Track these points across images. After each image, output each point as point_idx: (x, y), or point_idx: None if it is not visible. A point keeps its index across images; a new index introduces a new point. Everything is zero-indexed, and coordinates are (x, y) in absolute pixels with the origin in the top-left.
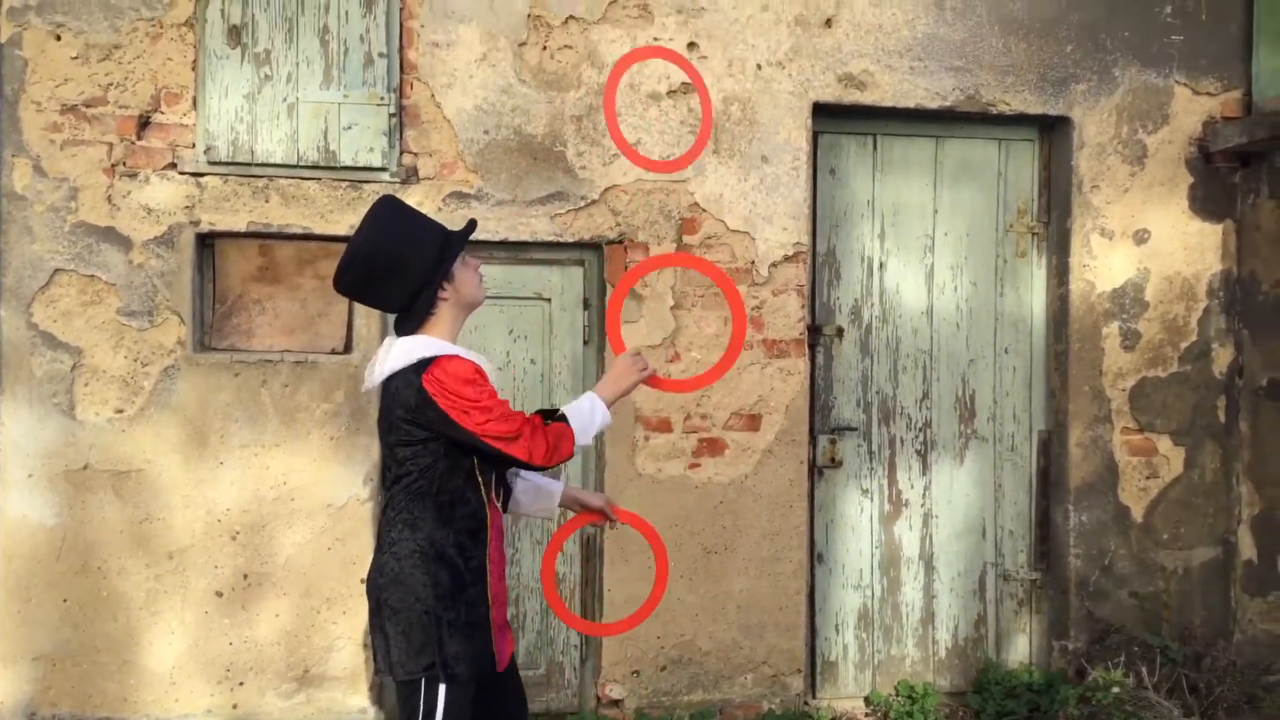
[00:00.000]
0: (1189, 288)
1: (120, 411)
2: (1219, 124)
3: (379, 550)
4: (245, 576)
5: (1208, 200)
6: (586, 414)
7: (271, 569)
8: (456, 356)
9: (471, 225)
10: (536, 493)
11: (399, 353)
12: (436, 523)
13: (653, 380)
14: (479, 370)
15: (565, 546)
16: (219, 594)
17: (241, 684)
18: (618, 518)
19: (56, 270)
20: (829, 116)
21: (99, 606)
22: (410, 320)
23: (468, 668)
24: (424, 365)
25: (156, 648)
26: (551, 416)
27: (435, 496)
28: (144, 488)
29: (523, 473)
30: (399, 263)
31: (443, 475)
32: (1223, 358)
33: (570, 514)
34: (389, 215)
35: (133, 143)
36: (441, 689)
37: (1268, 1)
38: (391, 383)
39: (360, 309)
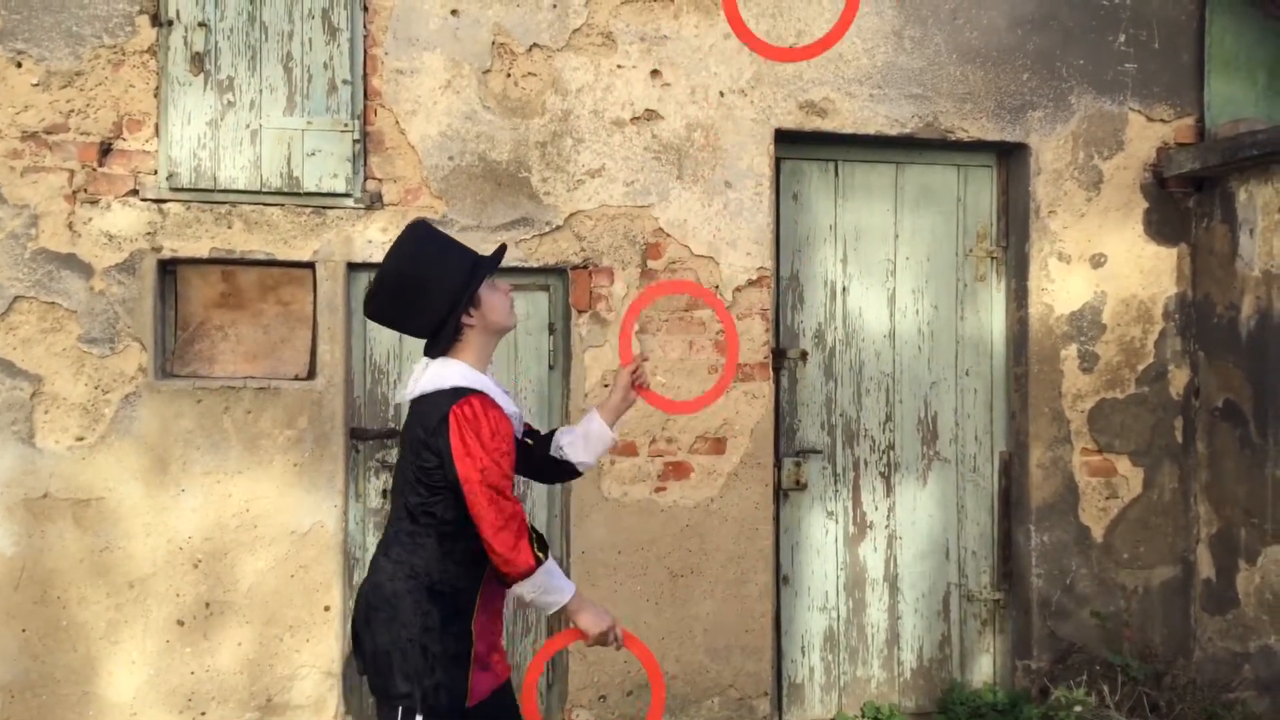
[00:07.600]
0: (1145, 310)
1: (80, 439)
2: (1173, 150)
3: (375, 567)
4: (207, 605)
5: (1163, 225)
6: (552, 578)
7: (234, 597)
8: (497, 405)
9: (502, 250)
10: (585, 441)
11: (432, 375)
12: (436, 552)
13: (627, 638)
14: (511, 432)
15: None
16: (180, 623)
17: (204, 714)
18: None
19: (16, 297)
20: (791, 143)
21: (59, 636)
22: (437, 345)
23: (447, 699)
24: (460, 394)
25: (117, 678)
26: (543, 548)
27: (438, 524)
28: (104, 516)
29: (563, 431)
30: (423, 288)
31: (449, 504)
32: (1179, 379)
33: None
34: (415, 241)
35: (94, 169)
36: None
37: (1219, 30)
38: (421, 403)
39: (324, 335)
